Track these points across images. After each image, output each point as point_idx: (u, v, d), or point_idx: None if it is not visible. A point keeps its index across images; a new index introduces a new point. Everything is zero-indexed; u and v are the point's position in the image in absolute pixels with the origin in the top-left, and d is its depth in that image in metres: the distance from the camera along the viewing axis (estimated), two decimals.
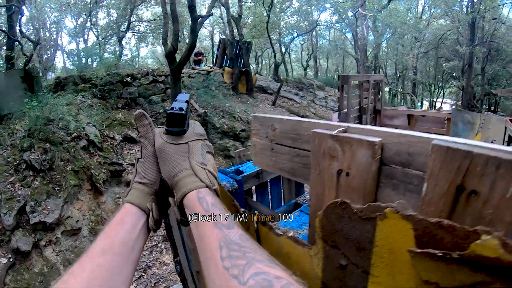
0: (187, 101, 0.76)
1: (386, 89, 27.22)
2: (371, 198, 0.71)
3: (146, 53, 34.44)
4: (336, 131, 0.74)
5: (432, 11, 25.17)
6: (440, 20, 25.10)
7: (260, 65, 32.03)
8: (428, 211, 0.59)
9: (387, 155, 0.68)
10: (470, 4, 19.15)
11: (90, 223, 5.87)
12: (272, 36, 19.03)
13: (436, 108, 26.79)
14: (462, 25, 19.95)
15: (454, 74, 24.37)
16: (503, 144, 7.43)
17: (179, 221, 0.68)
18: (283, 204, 4.01)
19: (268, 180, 3.74)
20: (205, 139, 0.76)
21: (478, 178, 0.51)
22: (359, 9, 18.01)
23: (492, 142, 12.54)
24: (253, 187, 3.65)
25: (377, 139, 0.66)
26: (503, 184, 0.48)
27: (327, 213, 0.65)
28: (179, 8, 12.30)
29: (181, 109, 0.70)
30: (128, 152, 8.08)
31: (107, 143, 7.79)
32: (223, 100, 12.10)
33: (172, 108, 0.70)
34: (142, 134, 0.72)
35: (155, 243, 5.89)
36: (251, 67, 22.29)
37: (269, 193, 3.84)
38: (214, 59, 18.27)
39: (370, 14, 18.83)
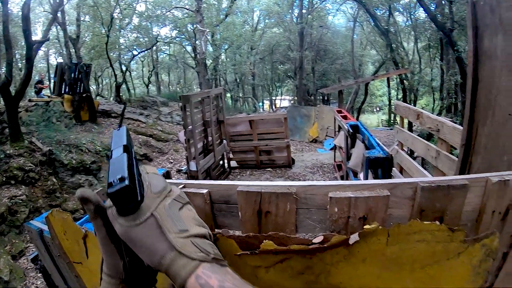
0: (126, 146, 0.63)
1: (228, 95, 30.69)
2: (210, 225, 1.10)
3: None
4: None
5: (266, 21, 29.04)
6: (273, 29, 29.35)
7: (100, 85, 31.23)
8: (246, 226, 1.05)
9: (214, 198, 1.12)
10: (299, 15, 23.94)
11: None
12: (111, 55, 18.99)
13: (276, 105, 31.83)
14: (293, 33, 24.49)
15: (289, 74, 29.16)
16: (335, 130, 9.62)
17: None
18: None
19: None
20: (170, 190, 0.65)
21: (267, 204, 1.01)
22: (198, 25, 19.25)
23: (327, 128, 15.49)
24: None
25: (205, 191, 1.10)
26: (283, 205, 1.00)
27: None
28: (11, 28, 10.96)
29: (122, 179, 0.54)
30: None
31: None
32: (67, 133, 11.64)
33: (111, 184, 0.54)
34: (91, 220, 0.63)
35: None
36: (92, 89, 21.59)
37: None
38: (52, 86, 17.02)
39: (208, 30, 20.80)
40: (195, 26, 21.45)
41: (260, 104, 31.58)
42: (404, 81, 21.42)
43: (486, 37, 1.60)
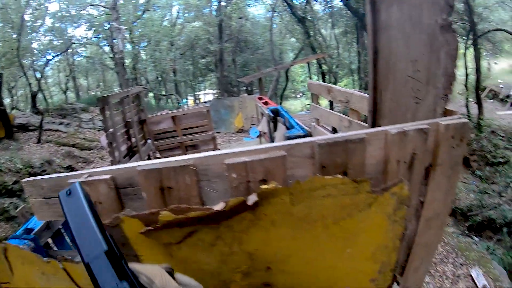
0: (110, 251, 0.55)
1: (151, 94, 29.96)
2: (119, 210, 1.08)
3: None
4: (83, 178, 1.09)
5: (186, 15, 28.47)
6: (193, 23, 28.78)
7: (15, 97, 28.25)
8: (151, 206, 1.02)
9: (119, 182, 1.08)
10: (218, 7, 23.90)
11: None
12: (24, 61, 17.73)
13: (200, 100, 31.72)
14: (213, 26, 24.34)
15: (210, 67, 29.13)
16: (257, 117, 9.78)
17: None
18: None
19: (60, 226, 4.01)
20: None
21: (168, 180, 0.98)
22: (114, 23, 18.66)
23: (251, 117, 15.79)
24: (49, 239, 3.85)
25: (108, 176, 1.06)
26: (182, 179, 0.98)
27: None
28: None
29: None
30: None
31: None
32: None
33: None
34: None
35: None
36: (5, 102, 19.55)
37: (66, 237, 4.11)
38: None
39: (124, 28, 19.97)
40: (111, 24, 20.24)
41: (184, 100, 31.05)
42: (323, 65, 22.70)
43: (383, 9, 1.74)
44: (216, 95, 28.89)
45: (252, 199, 0.86)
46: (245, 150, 0.99)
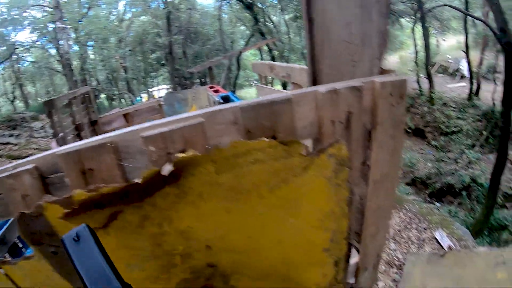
0: None
1: (103, 95, 29.04)
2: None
3: None
4: (8, 172, 0.98)
5: (133, 10, 27.54)
6: (141, 17, 27.89)
7: None
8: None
9: (43, 171, 0.97)
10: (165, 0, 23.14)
11: None
12: None
13: (154, 96, 31.14)
14: (161, 19, 23.65)
15: (162, 62, 28.50)
16: (210, 106, 9.65)
17: None
18: None
19: (16, 240, 3.73)
20: None
21: (88, 161, 0.88)
22: (58, 22, 17.70)
23: (205, 107, 15.99)
24: (6, 254, 3.64)
25: (31, 166, 0.96)
26: (103, 158, 0.88)
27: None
28: None
29: None
30: None
31: None
32: None
33: None
34: None
35: None
36: None
37: (23, 249, 3.87)
38: None
39: (69, 27, 19.00)
40: (55, 24, 19.15)
41: (138, 98, 30.12)
42: (274, 51, 22.83)
43: None
44: (168, 91, 28.39)
45: (166, 169, 0.80)
46: (164, 121, 0.90)
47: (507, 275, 3.23)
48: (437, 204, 10.89)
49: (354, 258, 1.53)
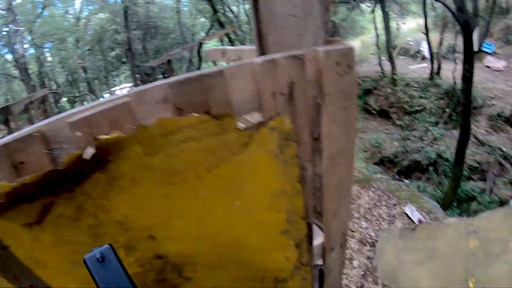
0: None
1: (64, 98, 28.03)
2: None
3: None
4: None
5: (90, 8, 26.39)
6: (99, 14, 26.81)
7: None
8: None
9: None
10: None
11: None
12: None
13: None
14: (119, 15, 22.93)
15: (123, 60, 27.77)
16: None
17: None
18: None
19: None
20: None
21: (19, 154, 0.78)
22: (11, 25, 16.93)
23: None
24: None
25: None
26: (32, 150, 0.77)
27: None
28: None
29: None
30: None
31: None
32: None
33: None
34: None
35: None
36: None
37: None
38: None
39: (23, 29, 18.06)
40: (8, 27, 18.18)
41: (102, 99, 29.24)
42: (235, 40, 22.71)
43: None
44: (130, 88, 27.66)
45: (88, 152, 0.72)
46: (91, 105, 0.82)
47: (479, 243, 3.31)
48: (406, 181, 11.25)
49: (319, 239, 1.49)
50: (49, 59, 26.35)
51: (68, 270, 0.89)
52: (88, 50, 26.12)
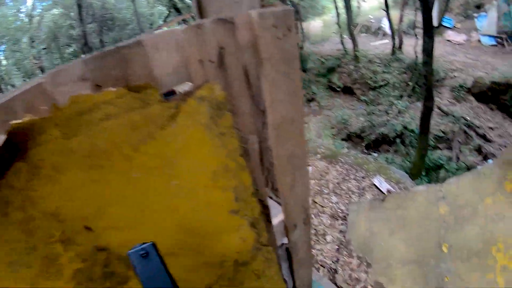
0: None
1: None
2: None
3: None
4: None
5: (43, 4, 25.14)
6: (52, 10, 25.52)
7: None
8: None
9: None
10: None
11: None
12: None
13: None
14: (72, 9, 22.03)
15: (80, 55, 26.77)
16: None
17: None
18: None
19: None
20: None
21: None
22: None
23: None
24: None
25: None
26: None
27: None
28: None
29: None
30: None
31: None
32: None
33: None
34: None
35: None
36: None
37: None
38: None
39: None
40: None
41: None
42: None
43: None
44: None
45: (0, 139, 0.63)
46: (8, 92, 0.74)
47: (449, 208, 3.37)
48: (375, 154, 11.53)
49: (278, 216, 1.45)
50: (4, 62, 24.89)
51: (8, 272, 0.80)
52: (44, 49, 24.85)
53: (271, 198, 1.74)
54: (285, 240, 1.60)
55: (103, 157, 0.74)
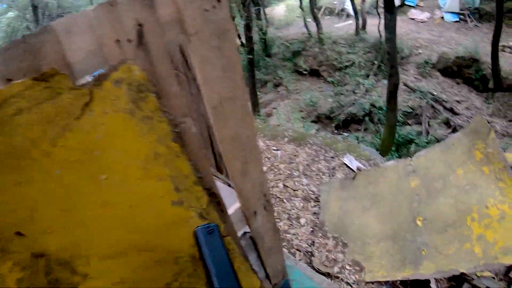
0: None
1: None
2: None
3: None
4: None
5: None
6: (8, 14, 24.38)
7: None
8: None
9: None
10: None
11: None
12: None
13: None
14: (27, 10, 21.31)
15: None
16: None
17: None
18: None
19: None
20: None
21: None
22: None
23: None
24: None
25: None
26: None
27: None
28: None
29: None
30: None
31: None
32: None
33: None
34: None
35: None
36: None
37: None
38: None
39: None
40: None
41: None
42: None
43: None
44: None
45: None
46: None
47: (420, 181, 3.43)
48: (345, 134, 11.74)
49: (235, 204, 1.40)
50: None
51: None
52: None
53: (229, 185, 1.68)
54: (247, 229, 1.55)
55: (22, 156, 0.67)
